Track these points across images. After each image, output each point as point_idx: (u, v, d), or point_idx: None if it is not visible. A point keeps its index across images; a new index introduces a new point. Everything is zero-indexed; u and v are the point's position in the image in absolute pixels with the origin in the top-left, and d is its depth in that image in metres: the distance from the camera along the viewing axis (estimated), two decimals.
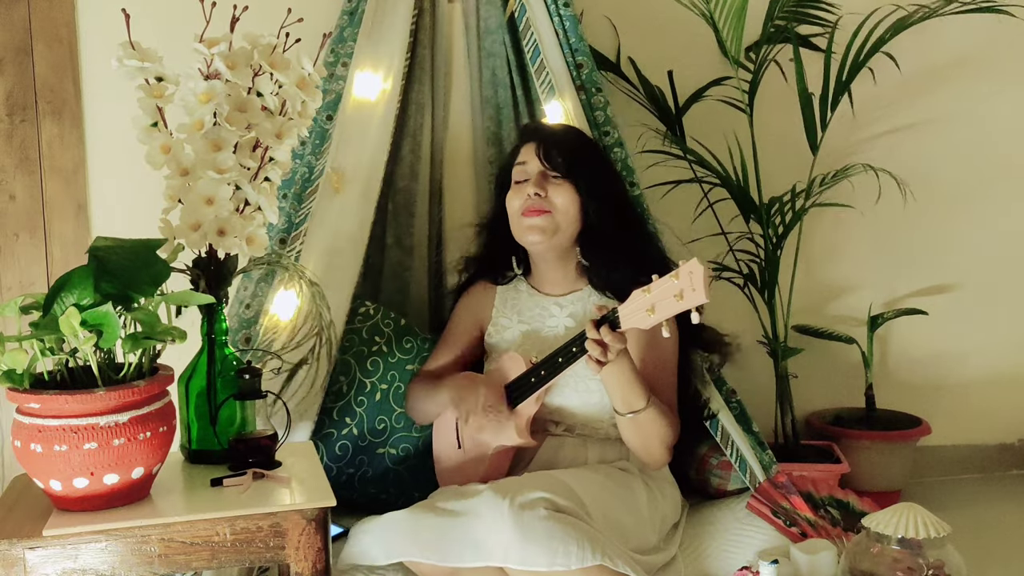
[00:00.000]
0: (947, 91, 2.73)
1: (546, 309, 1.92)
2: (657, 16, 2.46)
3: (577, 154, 1.87)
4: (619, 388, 1.68)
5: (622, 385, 1.67)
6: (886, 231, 2.75)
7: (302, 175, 1.99)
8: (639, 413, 1.69)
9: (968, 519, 2.54)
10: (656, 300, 1.51)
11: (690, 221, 2.50)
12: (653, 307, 1.52)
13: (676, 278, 1.48)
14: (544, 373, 1.74)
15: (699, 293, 1.44)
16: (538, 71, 2.10)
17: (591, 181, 1.84)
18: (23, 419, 1.29)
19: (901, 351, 2.83)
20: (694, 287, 1.45)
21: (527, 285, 1.97)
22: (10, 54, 2.26)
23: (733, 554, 1.76)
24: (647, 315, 1.53)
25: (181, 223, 1.48)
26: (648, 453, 1.76)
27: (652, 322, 1.53)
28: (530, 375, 1.77)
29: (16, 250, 2.31)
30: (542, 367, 1.75)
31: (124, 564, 1.30)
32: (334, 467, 1.96)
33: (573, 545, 1.46)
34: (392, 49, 2.05)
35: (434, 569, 1.57)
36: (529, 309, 1.94)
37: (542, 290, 1.95)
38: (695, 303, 1.46)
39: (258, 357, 1.83)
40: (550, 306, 1.92)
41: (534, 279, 1.97)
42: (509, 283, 1.99)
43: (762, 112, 2.45)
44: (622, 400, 1.69)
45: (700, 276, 1.44)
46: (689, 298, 1.46)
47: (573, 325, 1.88)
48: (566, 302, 1.92)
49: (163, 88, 1.46)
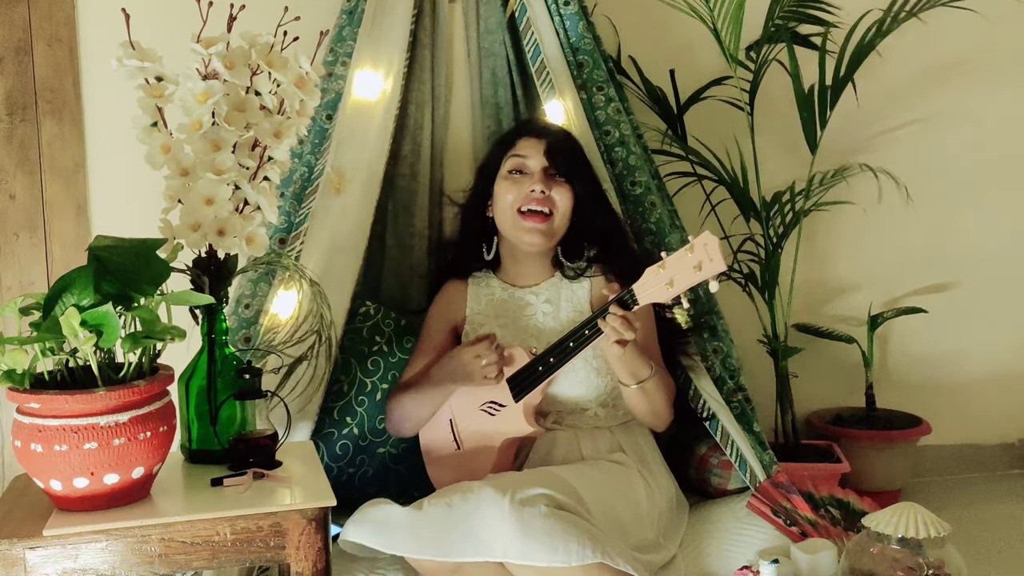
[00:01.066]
0: (946, 90, 2.73)
1: (521, 299, 1.95)
2: (658, 16, 2.46)
3: (577, 157, 1.93)
4: (629, 362, 1.74)
5: (631, 359, 1.73)
6: (886, 230, 2.75)
7: (302, 175, 1.99)
8: (646, 381, 1.76)
9: (968, 519, 2.54)
10: (674, 274, 1.60)
11: (691, 221, 2.50)
12: (672, 281, 1.60)
13: (691, 251, 1.57)
14: (553, 360, 1.76)
15: (717, 262, 1.54)
16: (538, 71, 2.10)
17: (586, 186, 1.90)
18: (23, 419, 1.29)
19: (901, 351, 2.83)
20: (711, 257, 1.54)
21: (499, 281, 1.99)
22: (10, 54, 2.26)
23: (733, 553, 1.76)
24: (666, 288, 1.61)
25: (181, 223, 1.48)
26: (656, 416, 1.83)
27: (672, 294, 1.61)
28: (536, 365, 1.78)
29: (16, 250, 2.31)
30: (549, 355, 1.77)
31: (124, 564, 1.30)
32: (334, 467, 1.96)
33: (573, 543, 1.47)
34: (392, 49, 2.05)
35: (435, 565, 1.58)
36: (504, 303, 1.95)
37: (515, 283, 1.97)
38: (715, 272, 1.55)
39: (258, 356, 1.83)
40: (525, 296, 1.95)
41: (504, 273, 1.99)
42: (479, 279, 2.01)
43: (762, 112, 2.45)
44: (631, 373, 1.75)
45: (715, 246, 1.54)
46: (708, 268, 1.55)
47: (550, 310, 1.91)
48: (540, 290, 1.95)
49: (163, 88, 1.46)
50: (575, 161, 1.91)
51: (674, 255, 1.60)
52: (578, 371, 1.83)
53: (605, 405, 1.87)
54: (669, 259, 1.60)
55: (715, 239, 1.54)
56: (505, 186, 1.89)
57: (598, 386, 1.85)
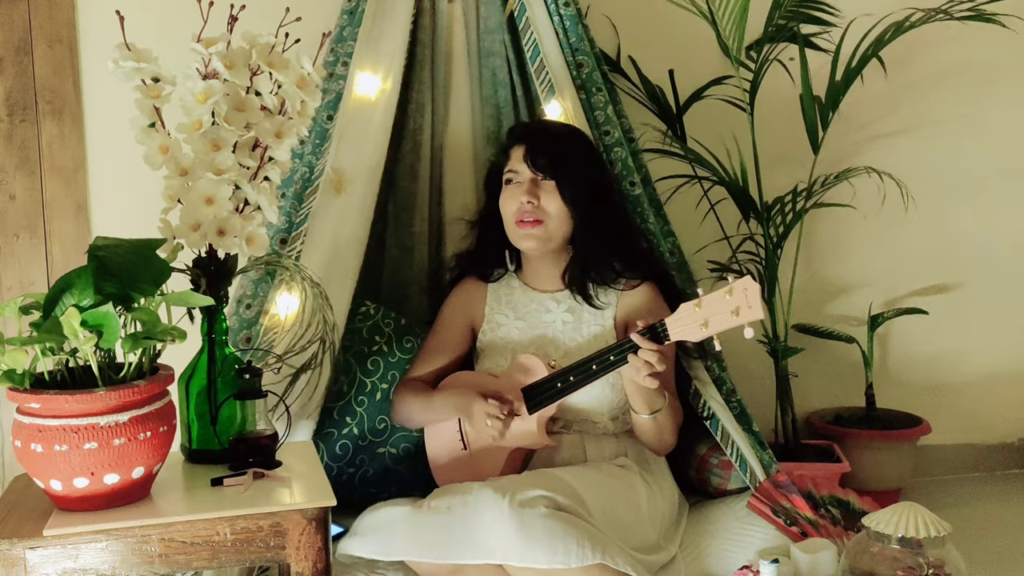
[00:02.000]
0: (948, 92, 2.73)
1: (543, 304, 1.93)
2: (658, 15, 2.46)
3: (562, 150, 1.86)
4: (645, 393, 1.73)
5: (648, 389, 1.72)
6: (886, 231, 2.75)
7: (302, 175, 1.99)
8: (658, 413, 1.76)
9: (968, 519, 2.54)
10: (709, 315, 1.59)
11: (690, 222, 2.50)
12: (707, 322, 1.60)
13: (730, 294, 1.56)
14: (574, 379, 1.75)
15: (756, 310, 1.54)
16: (538, 71, 2.10)
17: (577, 176, 1.85)
18: (23, 419, 1.29)
19: (901, 351, 2.83)
20: (750, 304, 1.54)
21: (519, 282, 1.98)
22: (10, 54, 2.26)
23: (733, 553, 1.76)
24: (700, 328, 1.61)
25: (181, 223, 1.48)
26: (662, 443, 1.83)
27: (704, 335, 1.61)
28: (555, 380, 1.76)
29: (16, 250, 2.31)
30: (570, 373, 1.75)
31: (124, 564, 1.30)
32: (334, 466, 1.96)
33: (573, 544, 1.47)
34: (392, 49, 2.05)
35: (435, 567, 1.58)
36: (524, 305, 1.94)
37: (535, 286, 1.96)
38: (751, 319, 1.55)
39: (258, 357, 1.82)
40: (546, 301, 1.93)
41: (526, 276, 1.98)
42: (500, 280, 2.00)
43: (763, 112, 2.44)
44: (645, 403, 1.75)
45: (756, 293, 1.54)
46: (745, 314, 1.55)
47: (571, 320, 1.90)
48: (562, 297, 1.93)
49: (159, 88, 1.46)
50: (559, 154, 1.84)
51: (712, 295, 1.60)
52: (593, 385, 1.80)
53: (616, 419, 1.87)
54: (706, 298, 1.60)
55: (756, 285, 1.55)
56: (504, 198, 1.88)
57: (611, 400, 1.83)
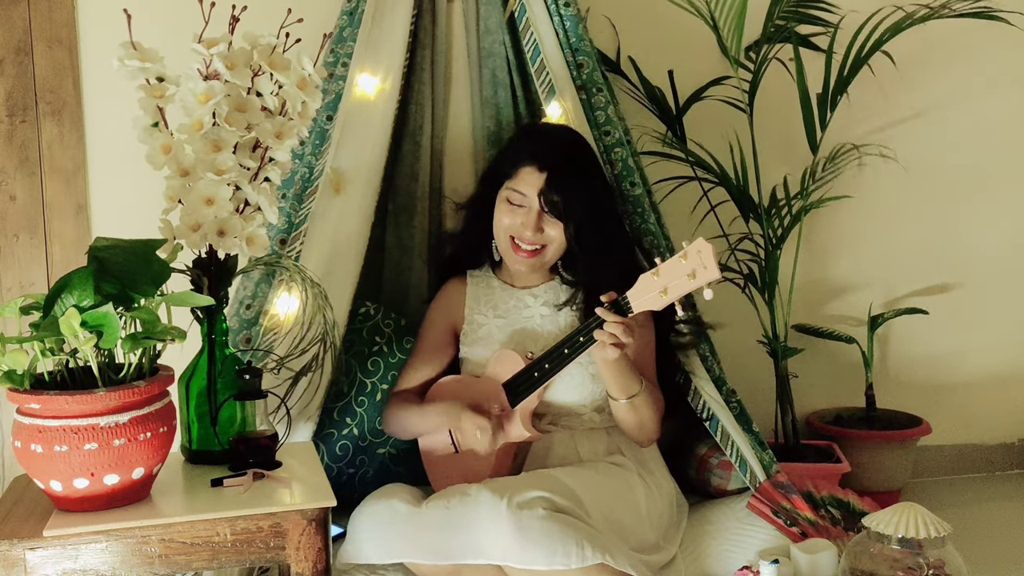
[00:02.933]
0: (947, 90, 2.73)
1: (520, 300, 1.94)
2: (657, 16, 2.46)
3: (576, 190, 1.81)
4: (619, 376, 1.73)
5: (621, 372, 1.72)
6: (886, 231, 2.75)
7: (302, 175, 1.99)
8: (635, 397, 1.75)
9: (968, 519, 2.54)
10: (668, 282, 1.58)
11: (690, 221, 2.50)
12: (666, 289, 1.58)
13: (685, 259, 1.55)
14: (548, 366, 1.76)
15: (711, 270, 1.52)
16: (538, 71, 2.10)
17: (586, 216, 1.82)
18: (23, 420, 1.29)
19: (901, 351, 2.83)
20: (705, 264, 1.52)
21: (499, 281, 1.99)
22: (10, 54, 2.26)
23: (733, 554, 1.76)
24: (660, 296, 1.59)
25: (181, 223, 1.48)
26: (643, 431, 1.81)
27: (665, 302, 1.59)
28: (531, 371, 1.78)
29: (16, 250, 2.31)
30: (544, 361, 1.76)
31: (124, 564, 1.30)
32: (334, 467, 1.96)
33: (572, 545, 1.47)
34: (392, 49, 2.05)
35: (434, 568, 1.58)
36: (504, 302, 1.95)
37: (514, 284, 1.97)
38: (708, 280, 1.53)
39: (258, 357, 1.82)
40: (524, 297, 1.94)
41: (504, 274, 1.99)
42: (479, 280, 2.00)
43: (762, 112, 2.45)
44: (620, 387, 1.74)
45: (709, 253, 1.52)
46: (701, 275, 1.53)
47: (548, 312, 1.91)
48: (539, 291, 1.94)
49: (164, 88, 1.46)
50: (573, 199, 1.80)
51: (668, 262, 1.58)
52: (574, 376, 1.82)
53: (600, 410, 1.87)
54: (663, 266, 1.58)
55: (708, 245, 1.52)
56: (503, 209, 1.86)
57: (593, 391, 1.84)
